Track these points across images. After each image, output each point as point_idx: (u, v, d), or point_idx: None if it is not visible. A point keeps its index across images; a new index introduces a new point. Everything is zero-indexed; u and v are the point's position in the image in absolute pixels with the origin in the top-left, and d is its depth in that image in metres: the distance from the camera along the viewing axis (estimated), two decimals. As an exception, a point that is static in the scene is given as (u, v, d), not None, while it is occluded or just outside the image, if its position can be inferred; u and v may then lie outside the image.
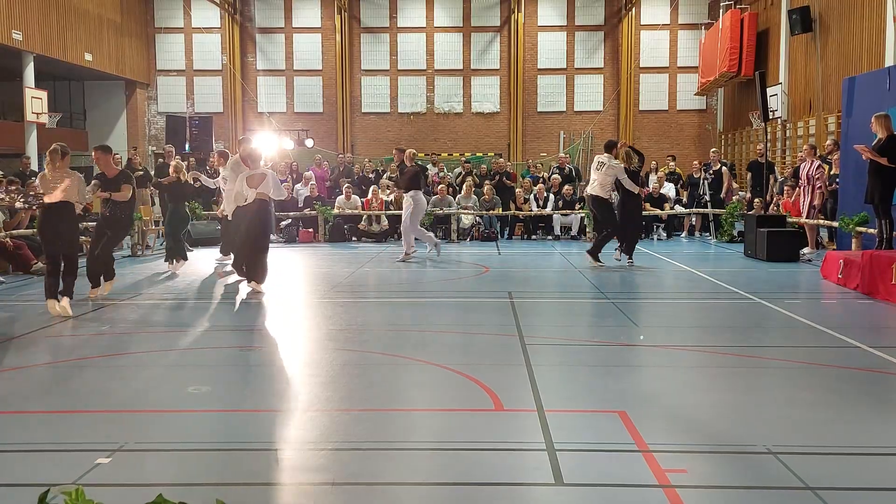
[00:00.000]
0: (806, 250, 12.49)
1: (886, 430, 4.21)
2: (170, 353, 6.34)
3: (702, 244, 15.68)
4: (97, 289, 8.82)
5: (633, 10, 24.48)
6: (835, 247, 12.61)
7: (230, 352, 6.36)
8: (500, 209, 16.96)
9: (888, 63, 13.93)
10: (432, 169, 19.16)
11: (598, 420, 4.40)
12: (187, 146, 21.23)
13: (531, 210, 16.89)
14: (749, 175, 16.87)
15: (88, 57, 21.64)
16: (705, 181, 16.79)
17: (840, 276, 9.65)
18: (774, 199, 15.16)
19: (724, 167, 17.16)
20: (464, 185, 17.19)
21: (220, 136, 24.29)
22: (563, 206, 16.77)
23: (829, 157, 13.64)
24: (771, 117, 17.28)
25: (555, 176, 17.61)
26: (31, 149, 18.99)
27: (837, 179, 12.77)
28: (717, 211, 16.37)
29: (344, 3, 24.70)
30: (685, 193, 17.92)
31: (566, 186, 17.02)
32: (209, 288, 9.91)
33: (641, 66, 24.89)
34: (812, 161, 12.49)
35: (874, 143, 9.54)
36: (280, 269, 11.19)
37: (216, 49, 25.12)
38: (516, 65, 24.75)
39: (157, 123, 25.10)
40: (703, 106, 25.17)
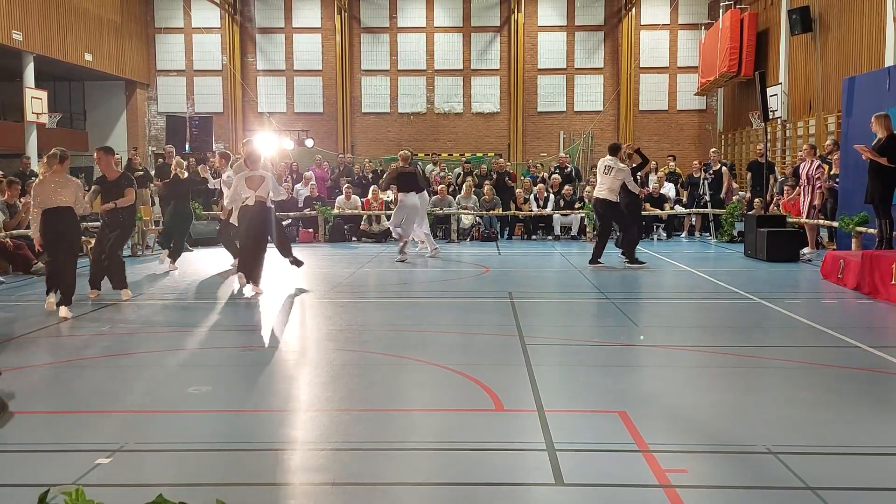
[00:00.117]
0: (806, 250, 12.49)
1: (886, 430, 4.21)
2: (170, 353, 6.34)
3: (702, 244, 15.68)
4: (97, 291, 8.81)
5: (633, 10, 24.49)
6: (835, 247, 12.61)
7: (230, 352, 6.36)
8: (500, 209, 16.96)
9: (888, 63, 13.93)
10: (433, 169, 19.15)
11: (598, 420, 4.40)
12: (187, 146, 21.23)
13: (531, 210, 16.89)
14: (749, 175, 16.87)
15: (88, 57, 21.64)
16: (705, 181, 16.79)
17: (840, 276, 9.65)
18: (774, 199, 15.16)
19: (724, 167, 17.17)
20: (464, 185, 17.20)
21: (220, 136, 24.28)
22: (563, 206, 16.78)
23: (829, 157, 13.64)
24: (771, 117, 17.28)
25: (555, 176, 17.62)
26: (31, 149, 19.00)
27: (837, 179, 12.77)
28: (717, 211, 16.37)
29: (344, 3, 24.70)
30: (685, 193, 17.93)
31: (566, 186, 17.02)
32: (209, 288, 9.91)
33: (641, 66, 24.89)
34: (812, 161, 12.49)
35: (874, 143, 9.53)
36: (280, 270, 11.19)
37: (216, 49, 25.12)
38: (516, 65, 24.75)
39: (158, 123, 25.10)
40: (703, 106, 25.18)
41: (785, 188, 14.45)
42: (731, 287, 9.49)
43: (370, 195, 17.05)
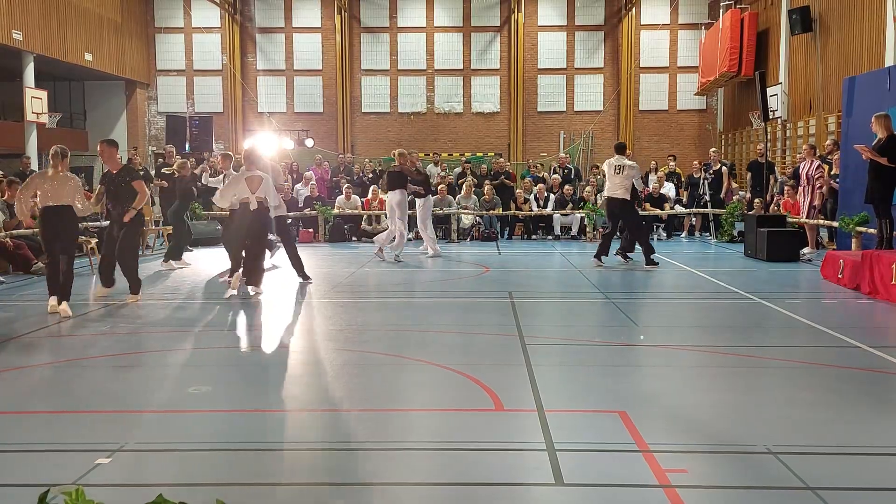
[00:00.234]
0: (806, 250, 12.49)
1: (886, 430, 4.21)
2: (170, 353, 6.34)
3: (702, 244, 15.68)
4: (107, 289, 8.71)
5: (633, 10, 24.47)
6: (835, 247, 12.61)
7: (230, 352, 6.36)
8: (501, 209, 16.96)
9: (888, 63, 13.92)
10: (434, 169, 19.14)
11: (599, 420, 4.40)
12: (187, 146, 21.21)
13: (531, 210, 16.89)
14: (749, 175, 16.87)
15: (88, 57, 21.64)
16: (705, 181, 16.80)
17: (840, 276, 9.65)
18: (774, 199, 15.16)
19: (724, 167, 17.17)
20: (464, 185, 17.20)
21: (220, 136, 24.28)
22: (563, 206, 16.77)
23: (829, 157, 13.65)
24: (771, 117, 17.28)
25: (555, 176, 17.62)
26: (31, 149, 18.99)
27: (837, 179, 12.78)
28: (717, 211, 16.38)
29: (344, 3, 24.69)
30: (685, 193, 17.93)
31: (566, 186, 17.02)
32: (209, 288, 9.91)
33: (641, 66, 24.87)
34: (812, 161, 12.49)
35: (874, 143, 9.54)
36: (280, 270, 11.19)
37: (216, 49, 25.11)
38: (516, 65, 24.73)
39: (158, 123, 25.08)
40: (703, 106, 25.16)
41: (785, 188, 14.46)
42: (731, 287, 9.49)
43: (370, 195, 17.06)
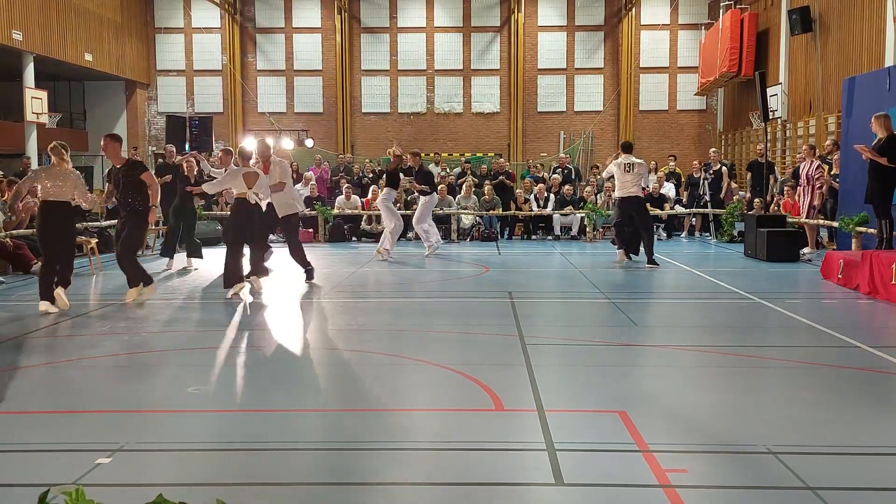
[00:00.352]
0: (806, 250, 12.49)
1: (886, 430, 4.21)
2: (170, 352, 6.34)
3: (702, 244, 15.68)
4: (135, 289, 8.58)
5: (633, 10, 24.48)
6: (835, 247, 12.61)
7: (230, 352, 6.36)
8: (501, 209, 16.96)
9: (888, 63, 13.92)
10: (435, 168, 19.13)
11: (598, 420, 4.40)
12: (187, 146, 21.20)
13: (531, 210, 16.89)
14: (749, 175, 16.88)
15: (88, 57, 21.64)
16: (705, 181, 16.79)
17: (840, 276, 9.65)
18: (774, 199, 15.16)
19: (724, 167, 17.16)
20: (464, 185, 17.21)
21: (220, 136, 24.27)
22: (563, 206, 16.77)
23: (829, 157, 13.65)
24: (771, 117, 17.28)
25: (555, 176, 17.62)
26: (31, 149, 19.00)
27: (837, 179, 12.77)
28: (717, 211, 16.37)
29: (344, 3, 24.69)
30: (685, 193, 17.93)
31: (566, 186, 17.02)
32: (209, 288, 9.91)
33: (641, 66, 24.88)
34: (812, 161, 12.49)
35: (874, 143, 9.54)
36: (280, 270, 11.18)
37: (216, 49, 25.12)
38: (516, 65, 24.74)
39: (157, 123, 25.08)
40: (703, 106, 25.17)
41: (785, 188, 14.45)
42: (731, 287, 9.49)
43: (370, 195, 17.05)
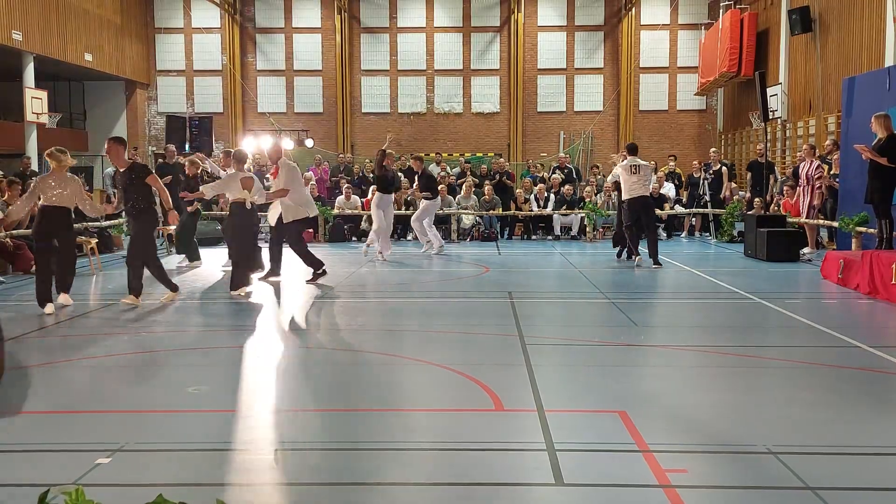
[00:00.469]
0: (806, 250, 12.49)
1: (886, 430, 4.21)
2: (170, 352, 6.33)
3: (702, 244, 15.68)
4: (171, 293, 8.57)
5: (633, 10, 24.47)
6: (835, 247, 12.61)
7: (230, 352, 6.36)
8: (501, 209, 16.96)
9: (888, 63, 13.92)
10: (436, 168, 19.13)
11: (598, 420, 4.40)
12: (187, 146, 21.22)
13: (531, 210, 16.89)
14: (749, 175, 16.88)
15: (88, 57, 21.63)
16: (705, 181, 16.79)
17: (840, 276, 9.65)
18: (774, 199, 15.16)
19: (724, 167, 17.17)
20: (464, 185, 17.21)
21: (220, 136, 24.28)
22: (563, 206, 16.77)
23: (829, 157, 13.64)
24: (771, 117, 17.28)
25: (555, 176, 17.62)
26: (31, 149, 18.98)
27: (837, 179, 12.77)
28: (717, 211, 16.37)
29: (344, 3, 24.69)
30: (685, 193, 17.92)
31: (566, 186, 17.02)
32: (209, 288, 9.91)
33: (641, 66, 24.87)
34: (812, 161, 12.50)
35: (874, 142, 9.54)
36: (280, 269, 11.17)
37: (216, 49, 25.11)
38: (516, 65, 24.73)
39: (158, 123, 25.08)
40: (703, 106, 25.16)
41: (785, 188, 14.46)
42: (731, 287, 9.49)
43: (370, 195, 17.02)
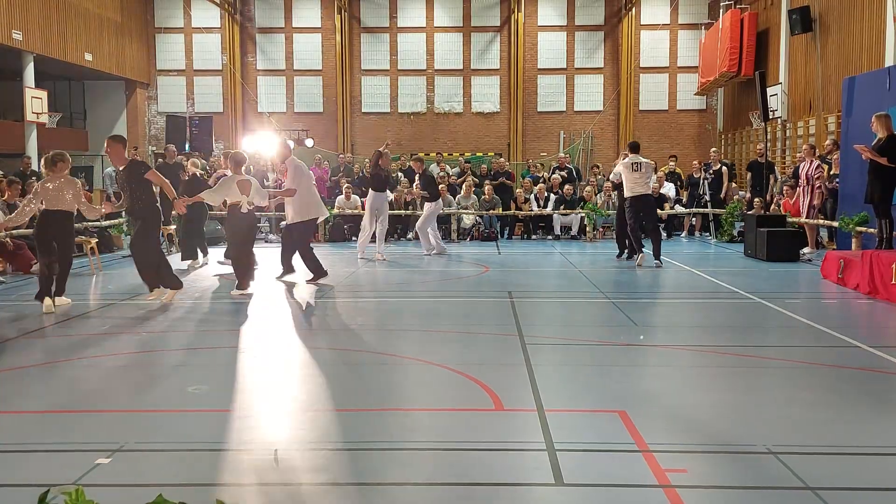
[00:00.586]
0: (806, 250, 12.49)
1: (886, 430, 4.21)
2: (170, 352, 6.34)
3: (702, 244, 15.68)
4: (156, 290, 8.51)
5: (633, 10, 24.47)
6: (835, 247, 12.61)
7: (230, 351, 6.36)
8: (501, 209, 16.96)
9: (888, 63, 13.92)
10: (436, 168, 19.13)
11: (598, 420, 4.40)
12: (187, 146, 21.23)
13: (531, 210, 16.89)
14: (749, 175, 16.88)
15: (88, 57, 21.64)
16: (705, 181, 16.79)
17: (840, 276, 9.65)
18: (774, 198, 15.16)
19: (724, 167, 17.17)
20: (464, 185, 17.20)
21: (220, 136, 24.29)
22: (563, 206, 16.77)
23: (829, 157, 13.64)
24: (771, 117, 17.28)
25: (555, 176, 17.62)
26: (32, 149, 18.99)
27: (837, 179, 12.77)
28: (717, 211, 16.37)
29: (344, 3, 24.69)
30: (685, 193, 17.92)
31: (566, 186, 17.02)
32: (209, 288, 9.91)
33: (641, 66, 24.88)
34: (812, 161, 12.50)
35: (874, 142, 9.54)
36: (280, 270, 11.16)
37: (216, 49, 25.11)
38: (516, 65, 24.74)
39: (158, 123, 25.09)
40: (703, 106, 25.16)
41: (785, 188, 14.46)
42: (731, 287, 9.49)
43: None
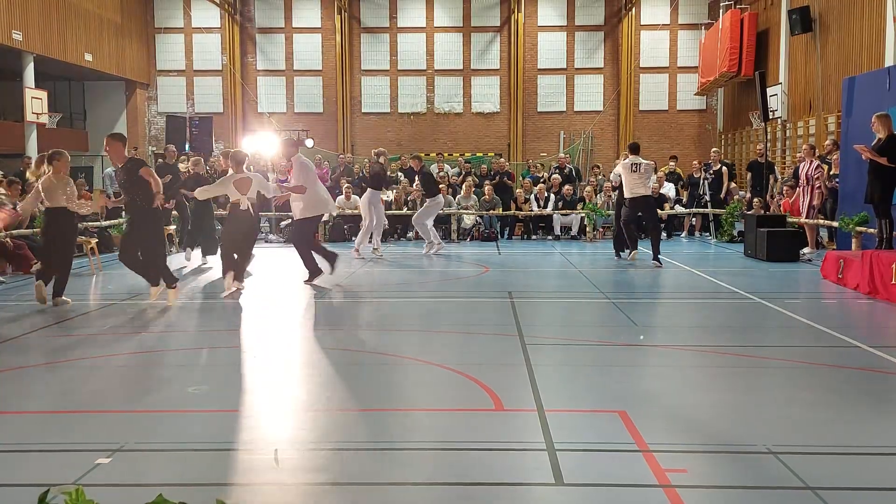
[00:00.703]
0: (806, 250, 12.49)
1: (886, 430, 4.21)
2: (170, 352, 6.34)
3: (702, 244, 15.68)
4: (156, 288, 8.47)
5: (633, 10, 24.49)
6: (835, 247, 12.61)
7: (230, 351, 6.36)
8: (501, 209, 16.96)
9: (888, 63, 13.93)
10: (435, 169, 19.11)
11: (599, 420, 4.40)
12: (187, 146, 21.22)
13: (531, 210, 16.89)
14: (749, 175, 16.88)
15: (88, 57, 21.64)
16: (705, 181, 16.79)
17: (840, 276, 9.65)
18: (775, 198, 15.16)
19: (724, 167, 17.17)
20: (464, 185, 17.20)
21: (220, 136, 24.29)
22: (563, 206, 16.77)
23: (829, 157, 13.64)
24: (771, 117, 17.28)
25: (555, 176, 17.62)
26: (32, 149, 18.99)
27: (837, 179, 12.77)
28: (717, 211, 16.37)
29: (344, 3, 24.70)
30: (685, 193, 17.92)
31: (566, 186, 17.02)
32: (209, 288, 9.91)
33: (641, 66, 24.89)
34: (811, 161, 12.50)
35: (874, 142, 9.54)
36: (280, 270, 11.19)
37: (216, 49, 25.12)
38: (516, 65, 24.75)
39: (158, 123, 25.10)
40: (703, 106, 25.18)
41: (785, 188, 14.46)
42: (731, 287, 9.49)
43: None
